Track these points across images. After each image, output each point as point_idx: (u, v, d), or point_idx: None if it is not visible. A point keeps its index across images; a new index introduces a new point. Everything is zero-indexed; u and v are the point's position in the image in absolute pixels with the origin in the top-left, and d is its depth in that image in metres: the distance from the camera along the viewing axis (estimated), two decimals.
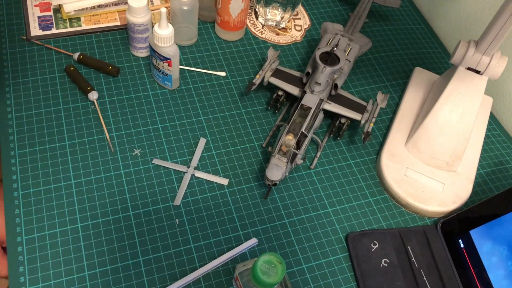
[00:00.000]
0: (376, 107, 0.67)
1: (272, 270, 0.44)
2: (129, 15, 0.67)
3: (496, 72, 0.61)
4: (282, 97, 0.69)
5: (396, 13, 0.89)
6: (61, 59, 0.71)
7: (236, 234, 0.58)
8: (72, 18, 0.75)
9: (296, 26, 0.83)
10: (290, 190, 0.63)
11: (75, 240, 0.55)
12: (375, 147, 0.70)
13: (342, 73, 0.67)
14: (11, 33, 0.72)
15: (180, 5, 0.70)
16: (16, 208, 0.56)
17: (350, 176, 0.66)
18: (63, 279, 0.52)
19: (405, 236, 0.60)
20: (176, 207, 0.59)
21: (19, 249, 0.53)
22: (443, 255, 0.59)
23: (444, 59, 0.83)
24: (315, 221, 0.61)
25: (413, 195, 0.63)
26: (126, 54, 0.73)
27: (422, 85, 0.75)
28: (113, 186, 0.59)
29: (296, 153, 0.59)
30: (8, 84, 0.67)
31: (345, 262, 0.58)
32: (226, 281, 0.54)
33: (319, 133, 0.69)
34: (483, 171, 0.70)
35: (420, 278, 0.57)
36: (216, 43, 0.77)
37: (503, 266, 0.53)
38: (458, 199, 0.63)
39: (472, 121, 0.64)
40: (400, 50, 0.83)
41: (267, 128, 0.69)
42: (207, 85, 0.72)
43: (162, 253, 0.55)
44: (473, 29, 0.82)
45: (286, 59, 0.78)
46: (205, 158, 0.64)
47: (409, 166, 0.65)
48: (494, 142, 0.73)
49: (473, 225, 0.57)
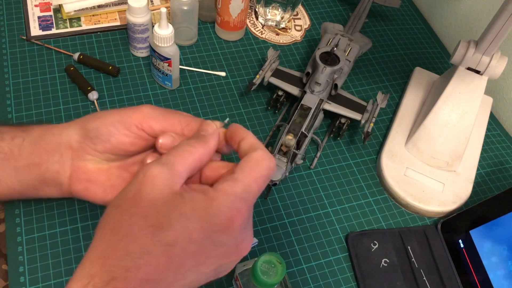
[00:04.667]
0: (376, 107, 0.67)
1: (272, 270, 0.44)
2: (129, 15, 0.67)
3: (496, 72, 0.61)
4: (282, 97, 0.69)
5: (396, 13, 0.89)
6: (61, 59, 0.71)
7: None
8: (72, 18, 0.75)
9: (296, 26, 0.83)
10: (290, 190, 0.63)
11: (75, 240, 0.55)
12: (375, 147, 0.70)
13: (342, 73, 0.67)
14: (11, 33, 0.72)
15: (180, 5, 0.70)
16: (16, 208, 0.56)
17: (350, 176, 0.66)
18: (63, 279, 0.52)
19: (405, 236, 0.60)
20: None
21: (19, 249, 0.53)
22: (443, 255, 0.59)
23: (444, 59, 0.83)
24: (315, 221, 0.61)
25: (413, 195, 0.63)
26: (126, 54, 0.73)
27: (422, 85, 0.75)
28: None
29: (296, 153, 0.59)
30: (8, 84, 0.67)
31: (345, 262, 0.58)
32: (226, 281, 0.54)
33: (319, 133, 0.69)
34: (483, 171, 0.70)
35: (420, 278, 0.57)
36: (216, 43, 0.77)
37: (503, 266, 0.53)
38: (458, 199, 0.63)
39: (472, 121, 0.64)
40: (400, 50, 0.83)
41: (267, 128, 0.69)
42: (207, 85, 0.72)
43: None
44: (473, 29, 0.82)
45: (286, 59, 0.78)
46: None
47: (409, 166, 0.65)
48: (494, 142, 0.73)
49: (473, 225, 0.57)
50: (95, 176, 0.49)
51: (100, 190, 0.49)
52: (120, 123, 0.47)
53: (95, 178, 0.49)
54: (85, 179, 0.49)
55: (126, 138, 0.48)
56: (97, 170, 0.49)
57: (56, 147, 0.48)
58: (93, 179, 0.49)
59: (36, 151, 0.47)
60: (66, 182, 0.49)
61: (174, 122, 0.48)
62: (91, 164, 0.49)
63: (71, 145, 0.48)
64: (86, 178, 0.49)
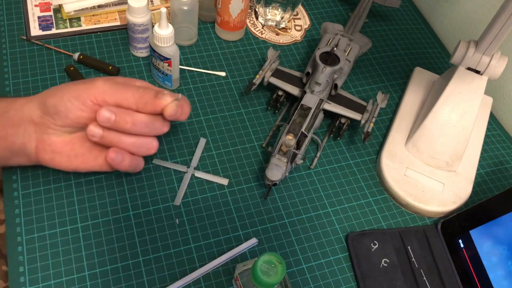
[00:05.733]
0: (376, 107, 0.67)
1: (272, 270, 0.44)
2: (129, 15, 0.67)
3: (496, 72, 0.61)
4: (282, 97, 0.69)
5: (396, 13, 0.89)
6: (61, 59, 0.71)
7: (236, 234, 0.58)
8: (72, 18, 0.75)
9: (296, 26, 0.83)
10: (290, 190, 0.63)
11: (75, 240, 0.55)
12: (375, 147, 0.70)
13: (342, 73, 0.67)
14: (11, 33, 0.72)
15: (180, 5, 0.70)
16: (16, 208, 0.56)
17: (350, 176, 0.66)
18: (63, 279, 0.52)
19: (405, 236, 0.60)
20: (176, 207, 0.59)
21: (19, 249, 0.53)
22: (443, 255, 0.59)
23: (444, 59, 0.83)
24: (315, 221, 0.61)
25: (413, 195, 0.63)
26: (126, 54, 0.73)
27: (422, 85, 0.75)
28: (113, 186, 0.59)
29: (296, 153, 0.59)
30: (8, 84, 0.67)
31: (345, 262, 0.58)
32: (226, 281, 0.54)
33: (319, 133, 0.69)
34: (483, 171, 0.70)
35: (420, 278, 0.57)
36: (216, 43, 0.77)
37: (503, 266, 0.53)
38: (458, 199, 0.63)
39: (472, 121, 0.64)
40: (400, 50, 0.83)
41: (267, 128, 0.69)
42: (207, 85, 0.72)
43: (162, 253, 0.55)
44: (473, 29, 0.82)
45: (286, 59, 0.78)
46: (205, 158, 0.64)
47: (409, 166, 0.65)
48: (494, 142, 0.73)
49: (473, 225, 0.57)
50: (59, 148, 0.53)
51: (65, 160, 0.54)
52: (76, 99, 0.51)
53: (60, 149, 0.53)
54: (50, 150, 0.53)
55: (83, 113, 0.52)
56: (61, 141, 0.53)
57: (19, 121, 0.52)
58: (58, 150, 0.53)
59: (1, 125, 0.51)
60: (33, 153, 0.53)
61: (127, 95, 0.52)
62: (54, 136, 0.53)
63: (33, 120, 0.52)
64: (51, 150, 0.53)
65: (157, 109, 0.52)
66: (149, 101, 0.52)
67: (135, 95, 0.52)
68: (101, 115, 0.51)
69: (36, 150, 0.52)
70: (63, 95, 0.51)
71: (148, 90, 0.53)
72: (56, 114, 0.51)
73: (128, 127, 0.52)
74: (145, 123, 0.53)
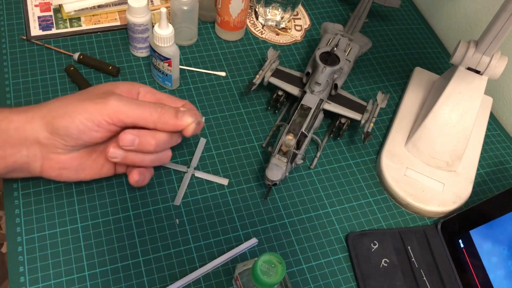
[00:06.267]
0: (376, 107, 0.67)
1: (272, 270, 0.44)
2: (129, 15, 0.67)
3: (496, 72, 0.61)
4: (282, 97, 0.69)
5: (396, 13, 0.89)
6: (61, 59, 0.71)
7: (236, 234, 0.58)
8: (72, 18, 0.75)
9: (296, 26, 0.83)
10: (290, 190, 0.63)
11: (75, 240, 0.55)
12: (375, 147, 0.70)
13: (342, 73, 0.67)
14: (11, 33, 0.72)
15: (180, 5, 0.70)
16: (16, 208, 0.56)
17: (350, 176, 0.66)
18: (63, 279, 0.52)
19: (405, 236, 0.60)
20: (176, 207, 0.59)
21: (19, 249, 0.53)
22: (443, 255, 0.59)
23: (444, 59, 0.83)
24: (315, 221, 0.61)
25: (413, 195, 0.63)
26: (126, 54, 0.73)
27: (422, 85, 0.75)
28: (113, 186, 0.59)
29: (296, 153, 0.59)
30: (8, 84, 0.67)
31: (345, 262, 0.58)
32: (226, 281, 0.54)
33: (319, 133, 0.69)
34: (483, 171, 0.70)
35: (420, 278, 0.57)
36: (216, 43, 0.77)
37: (503, 266, 0.53)
38: (458, 199, 0.63)
39: (472, 121, 0.64)
40: (400, 50, 0.83)
41: (267, 128, 0.69)
42: (207, 85, 0.72)
43: (162, 253, 0.55)
44: (473, 29, 0.82)
45: (286, 59, 0.78)
46: (205, 158, 0.64)
47: (409, 166, 0.65)
48: (494, 142, 0.73)
49: (473, 225, 0.57)
50: (68, 164, 0.51)
51: (73, 173, 0.52)
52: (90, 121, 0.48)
53: (68, 165, 0.51)
54: (58, 167, 0.51)
55: (97, 134, 0.49)
56: (70, 158, 0.51)
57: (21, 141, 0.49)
58: (67, 166, 0.51)
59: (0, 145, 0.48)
60: (37, 170, 0.51)
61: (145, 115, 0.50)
62: (63, 155, 0.50)
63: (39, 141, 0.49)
64: (58, 167, 0.51)
65: (178, 130, 0.52)
66: (169, 122, 0.51)
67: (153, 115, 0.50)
68: (125, 140, 0.49)
69: (41, 169, 0.51)
70: (74, 117, 0.48)
71: (167, 109, 0.51)
72: (68, 136, 0.48)
73: (152, 149, 0.51)
74: (166, 142, 0.52)
